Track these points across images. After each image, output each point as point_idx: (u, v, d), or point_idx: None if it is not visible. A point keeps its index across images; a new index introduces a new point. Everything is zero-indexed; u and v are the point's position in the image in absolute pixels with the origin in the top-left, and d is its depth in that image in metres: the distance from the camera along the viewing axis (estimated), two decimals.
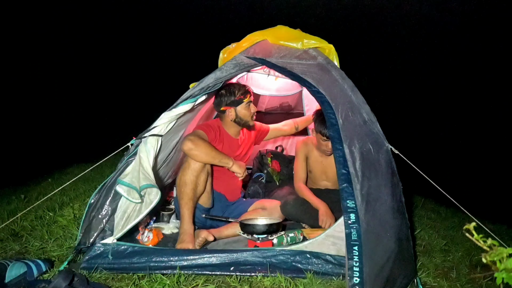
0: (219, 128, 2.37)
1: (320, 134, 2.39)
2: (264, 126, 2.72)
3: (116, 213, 1.85)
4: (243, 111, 2.35)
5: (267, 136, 2.75)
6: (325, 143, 2.40)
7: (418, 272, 1.92)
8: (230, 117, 2.35)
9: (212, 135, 2.27)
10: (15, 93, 9.44)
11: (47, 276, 1.67)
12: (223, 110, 2.34)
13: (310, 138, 2.63)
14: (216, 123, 2.41)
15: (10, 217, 2.35)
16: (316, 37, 2.34)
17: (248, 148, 2.57)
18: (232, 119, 2.36)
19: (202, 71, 2.16)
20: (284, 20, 2.57)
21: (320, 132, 2.39)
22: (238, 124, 2.39)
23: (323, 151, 2.46)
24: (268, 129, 2.74)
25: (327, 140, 2.36)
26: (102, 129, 8.99)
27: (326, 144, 2.39)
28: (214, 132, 2.29)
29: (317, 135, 2.45)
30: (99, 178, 3.57)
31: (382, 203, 1.69)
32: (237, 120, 2.36)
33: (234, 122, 2.37)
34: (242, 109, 2.34)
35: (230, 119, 2.36)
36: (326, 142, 2.38)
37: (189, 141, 2.05)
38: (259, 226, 1.97)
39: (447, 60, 12.07)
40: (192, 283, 1.64)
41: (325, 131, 2.32)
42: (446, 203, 3.68)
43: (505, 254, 0.71)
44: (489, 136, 9.54)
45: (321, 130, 2.37)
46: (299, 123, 2.85)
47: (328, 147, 2.40)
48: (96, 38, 12.85)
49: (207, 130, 2.26)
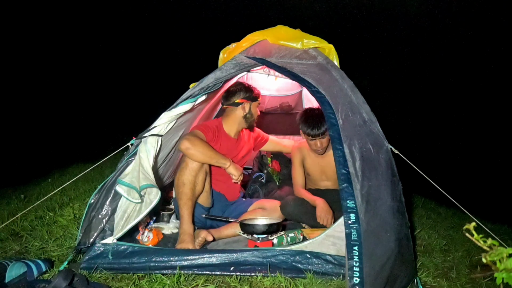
0: (217, 128, 2.37)
1: (305, 134, 2.41)
2: (264, 135, 2.77)
3: (116, 213, 1.85)
4: (254, 109, 2.43)
5: (265, 145, 2.79)
6: (313, 142, 2.41)
7: (418, 272, 1.92)
8: (244, 111, 2.37)
9: (210, 135, 2.27)
10: (15, 93, 9.44)
11: (47, 276, 1.67)
12: (239, 102, 2.36)
13: (303, 143, 2.62)
14: (215, 123, 2.41)
15: (10, 217, 2.35)
16: (316, 37, 2.34)
17: (246, 152, 2.58)
18: (244, 113, 2.38)
19: (202, 71, 2.17)
20: (284, 20, 2.57)
21: (304, 132, 2.41)
22: (246, 121, 2.41)
23: (315, 150, 2.47)
24: (268, 138, 2.79)
25: (314, 139, 2.38)
26: (102, 129, 8.99)
27: (315, 143, 2.40)
28: (212, 133, 2.29)
29: (304, 136, 2.47)
30: (99, 178, 3.57)
31: (382, 203, 1.69)
32: (247, 116, 2.39)
33: (243, 117, 2.39)
34: (254, 107, 2.42)
35: (243, 113, 2.38)
36: (314, 141, 2.39)
37: (187, 140, 2.05)
38: (259, 226, 1.97)
39: (447, 60, 12.07)
40: (192, 283, 1.64)
41: (308, 130, 2.35)
42: (446, 203, 3.68)
43: (505, 254, 0.71)
44: (489, 136, 9.54)
45: (304, 130, 2.39)
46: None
47: (317, 146, 2.40)
48: (97, 37, 12.85)
49: (205, 130, 2.26)
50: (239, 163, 2.48)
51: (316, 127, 2.33)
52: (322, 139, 2.38)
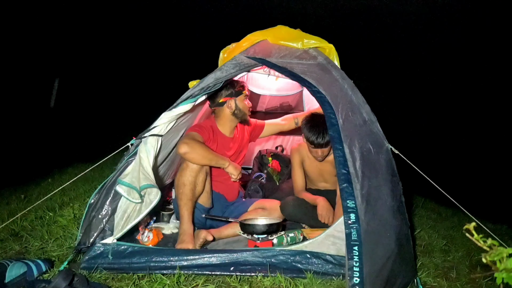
0: (212, 128, 2.35)
1: (308, 142, 2.35)
2: (259, 121, 2.68)
3: (116, 213, 1.85)
4: (242, 103, 2.37)
5: (263, 132, 2.70)
6: (314, 150, 2.36)
7: (418, 272, 1.92)
8: (230, 109, 2.34)
9: (206, 135, 2.26)
10: (15, 93, 9.44)
11: (47, 276, 1.67)
12: (223, 102, 2.33)
13: (303, 144, 2.58)
14: (209, 123, 2.39)
15: (10, 217, 2.35)
16: (316, 37, 2.34)
17: (243, 146, 2.55)
18: (231, 111, 2.35)
19: (202, 71, 2.16)
20: (284, 20, 2.57)
21: (308, 140, 2.33)
22: (236, 117, 2.38)
23: (315, 157, 2.44)
24: (264, 124, 2.69)
25: (316, 148, 2.33)
26: (102, 129, 8.98)
27: (316, 151, 2.35)
28: (207, 133, 2.28)
29: (306, 142, 2.40)
30: (99, 178, 3.58)
31: (382, 203, 1.69)
32: (236, 112, 2.35)
33: (232, 114, 2.36)
34: (241, 101, 2.36)
35: (230, 111, 2.35)
36: (316, 149, 2.34)
37: (185, 145, 2.04)
38: (259, 226, 1.97)
39: (447, 60, 12.06)
40: (192, 283, 1.64)
41: (312, 138, 2.28)
42: (446, 203, 3.68)
43: (505, 254, 0.71)
44: (489, 136, 9.54)
45: (308, 137, 2.32)
46: (298, 117, 2.76)
47: (318, 154, 2.36)
48: (97, 37, 12.85)
49: (200, 131, 2.24)
50: (237, 159, 2.48)
51: (321, 137, 2.27)
52: (324, 149, 2.33)
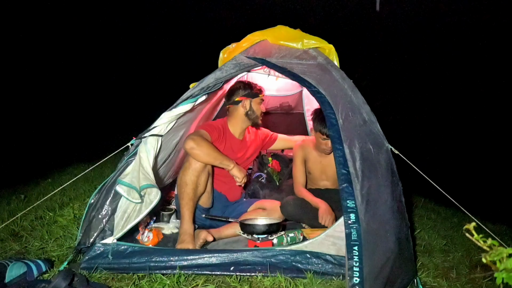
0: (223, 128, 2.37)
1: (320, 133, 2.38)
2: (273, 134, 2.75)
3: (116, 213, 1.85)
4: (256, 105, 2.39)
5: (274, 145, 2.76)
6: (324, 142, 2.39)
7: (418, 272, 1.92)
8: (244, 108, 2.36)
9: (215, 135, 2.27)
10: (15, 93, 9.44)
11: (47, 276, 1.67)
12: (238, 100, 2.35)
13: (306, 141, 2.62)
14: (220, 123, 2.41)
15: (10, 217, 2.35)
16: (316, 37, 2.34)
17: (252, 151, 2.57)
18: (245, 111, 2.37)
19: (202, 71, 2.17)
20: (284, 20, 2.57)
21: (320, 131, 2.37)
22: (249, 118, 2.39)
23: (323, 150, 2.46)
24: (277, 137, 2.76)
25: (327, 139, 2.35)
26: (102, 129, 8.98)
27: (326, 143, 2.38)
28: (217, 132, 2.29)
29: (316, 134, 2.44)
30: (99, 178, 3.57)
31: (382, 203, 1.69)
32: (249, 113, 2.37)
33: (245, 115, 2.38)
34: (256, 103, 2.39)
35: (244, 110, 2.36)
36: (326, 140, 2.37)
37: (192, 140, 2.05)
38: (259, 226, 1.97)
39: (447, 60, 12.06)
40: (192, 283, 1.64)
41: (324, 130, 2.31)
42: (446, 203, 3.68)
43: (505, 254, 0.71)
44: (489, 136, 9.54)
45: (320, 129, 2.36)
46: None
47: (327, 146, 2.39)
48: (97, 37, 12.85)
49: (210, 130, 2.25)
50: (244, 164, 2.48)
51: None
52: None
